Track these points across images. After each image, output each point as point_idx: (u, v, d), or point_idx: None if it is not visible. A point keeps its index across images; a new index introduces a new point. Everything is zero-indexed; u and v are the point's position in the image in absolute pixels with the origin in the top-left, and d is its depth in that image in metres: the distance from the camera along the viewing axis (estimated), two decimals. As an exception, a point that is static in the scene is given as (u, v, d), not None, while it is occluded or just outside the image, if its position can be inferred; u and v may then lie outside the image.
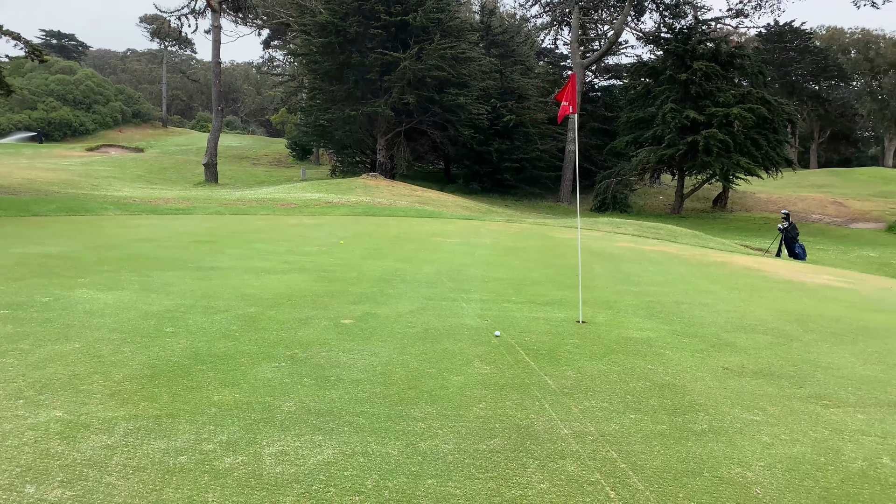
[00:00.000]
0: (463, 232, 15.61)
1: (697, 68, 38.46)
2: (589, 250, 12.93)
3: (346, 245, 12.21)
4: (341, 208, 21.53)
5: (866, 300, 8.70)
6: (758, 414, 4.19)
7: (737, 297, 8.34)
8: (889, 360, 5.55)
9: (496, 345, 5.56)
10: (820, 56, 74.10)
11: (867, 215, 41.36)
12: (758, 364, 5.26)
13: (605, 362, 5.18)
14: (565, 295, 7.90)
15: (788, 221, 17.49)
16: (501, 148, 41.80)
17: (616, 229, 18.68)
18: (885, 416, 4.24)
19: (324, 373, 4.70)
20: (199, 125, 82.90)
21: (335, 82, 38.66)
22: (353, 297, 7.36)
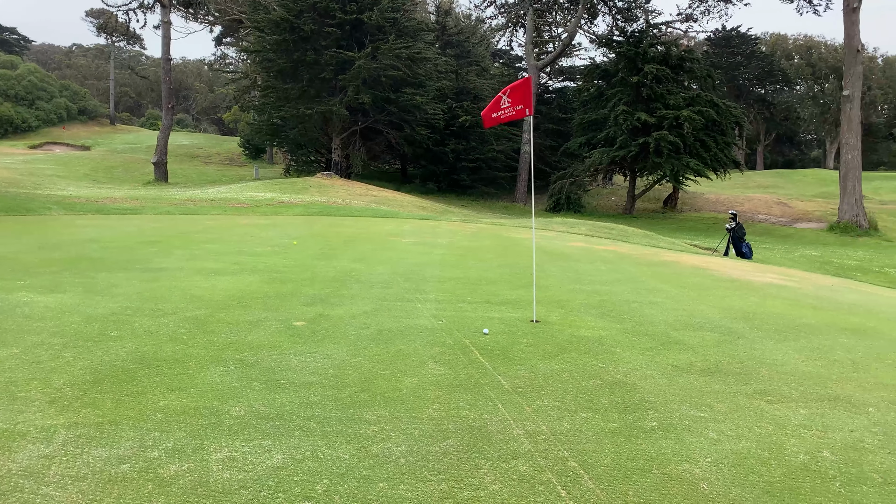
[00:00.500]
0: (419, 232, 15.58)
1: (648, 71, 39.20)
2: (543, 250, 13.04)
3: (300, 245, 12.06)
4: (295, 208, 21.28)
5: (808, 298, 8.98)
6: (705, 411, 4.27)
7: (686, 295, 8.52)
8: (829, 356, 5.73)
9: (450, 345, 5.55)
10: (765, 61, 76.44)
11: (810, 215, 42.75)
12: (705, 361, 5.37)
13: (557, 361, 5.21)
14: (520, 294, 7.94)
15: (736, 222, 17.96)
16: (458, 148, 41.93)
17: (570, 229, 18.90)
18: (825, 410, 4.37)
19: (274, 376, 4.61)
20: (149, 123, 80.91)
21: (289, 80, 38.18)
22: (306, 298, 7.27)
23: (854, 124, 36.01)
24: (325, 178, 33.85)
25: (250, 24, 39.66)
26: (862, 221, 36.17)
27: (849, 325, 7.12)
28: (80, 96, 71.13)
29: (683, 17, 47.46)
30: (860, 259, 26.56)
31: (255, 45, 39.49)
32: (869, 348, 6.08)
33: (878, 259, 26.84)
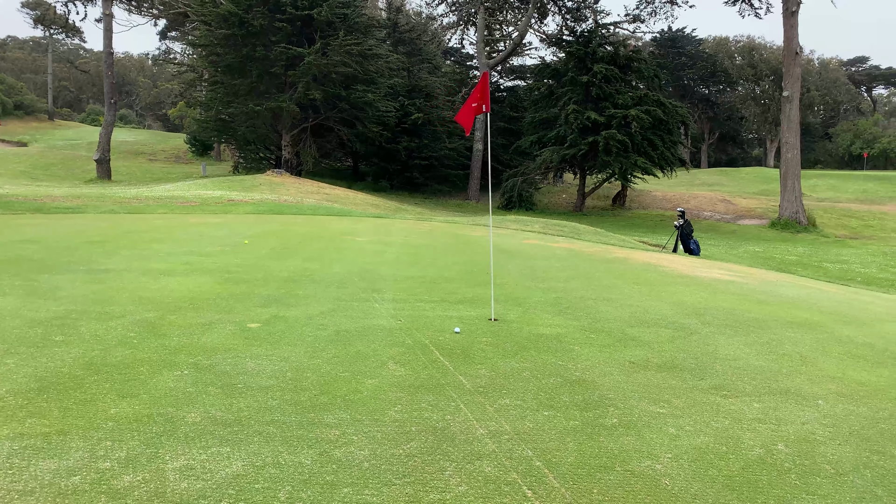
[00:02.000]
0: (373, 230, 15.46)
1: (598, 71, 39.84)
2: (499, 248, 13.09)
3: (252, 245, 11.83)
4: (245, 206, 20.87)
5: (754, 293, 9.23)
6: (664, 406, 4.34)
7: (638, 291, 8.66)
8: (777, 350, 5.89)
9: (410, 345, 5.51)
10: (709, 62, 78.56)
11: (752, 212, 44.09)
12: (661, 357, 5.46)
13: (517, 360, 5.23)
14: (477, 293, 7.94)
15: (684, 219, 18.38)
16: (410, 146, 41.86)
17: (523, 227, 19.05)
18: (778, 404, 4.49)
19: (230, 380, 4.50)
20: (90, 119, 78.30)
21: (237, 76, 37.46)
22: (260, 299, 7.12)
23: (793, 124, 37.26)
24: (276, 175, 33.33)
25: (197, 17, 38.75)
26: (801, 218, 37.48)
27: (794, 319, 7.34)
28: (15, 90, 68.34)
29: (631, 18, 48.36)
30: (800, 255, 27.53)
31: (202, 40, 38.61)
32: (815, 342, 6.28)
33: (817, 254, 27.88)
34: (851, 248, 31.06)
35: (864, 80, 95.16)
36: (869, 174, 61.93)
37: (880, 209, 44.12)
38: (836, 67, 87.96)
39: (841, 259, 26.25)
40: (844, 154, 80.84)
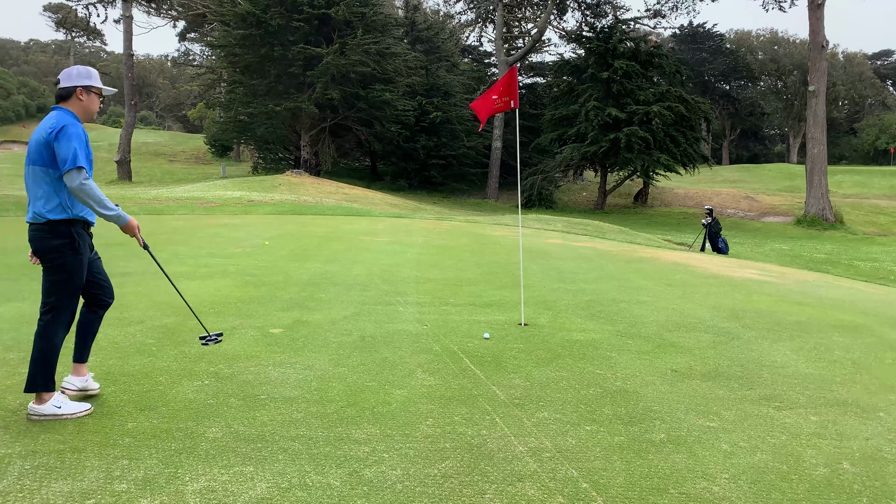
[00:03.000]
0: (393, 230, 15.25)
1: (618, 67, 39.32)
2: (523, 248, 12.81)
3: (272, 246, 11.65)
4: (265, 207, 20.77)
5: (791, 294, 8.88)
6: (713, 420, 4.05)
7: (671, 293, 8.34)
8: (827, 357, 5.57)
9: (438, 352, 5.26)
10: (731, 57, 77.50)
11: (776, 209, 43.32)
12: (705, 365, 5.17)
13: (552, 368, 4.96)
14: (503, 295, 7.68)
15: (712, 217, 17.97)
16: (428, 145, 41.61)
17: (546, 226, 18.74)
18: (836, 417, 4.19)
19: (253, 391, 4.28)
20: (111, 120, 79.02)
21: (256, 76, 37.48)
22: (282, 303, 6.91)
23: (819, 119, 36.51)
24: (295, 176, 33.27)
25: (215, 18, 38.83)
26: (828, 215, 36.72)
27: (839, 322, 7.00)
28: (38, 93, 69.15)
29: (652, 14, 47.73)
30: (829, 252, 26.90)
31: (220, 40, 38.67)
32: (866, 348, 5.94)
33: (846, 252, 27.22)
34: (881, 246, 30.34)
35: (889, 73, 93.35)
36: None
37: (909, 205, 43.18)
38: (862, 61, 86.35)
39: (872, 257, 25.60)
40: (870, 149, 79.32)
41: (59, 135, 3.54)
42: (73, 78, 3.75)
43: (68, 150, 3.51)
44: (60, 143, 3.53)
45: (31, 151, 3.66)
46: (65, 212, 3.67)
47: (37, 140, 3.64)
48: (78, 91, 3.73)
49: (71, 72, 3.79)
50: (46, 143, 3.58)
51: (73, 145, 3.54)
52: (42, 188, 3.64)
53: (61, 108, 3.71)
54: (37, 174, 3.66)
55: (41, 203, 3.65)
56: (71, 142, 3.54)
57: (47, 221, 3.66)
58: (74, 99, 3.74)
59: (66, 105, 3.73)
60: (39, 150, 3.61)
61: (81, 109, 3.76)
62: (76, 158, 3.52)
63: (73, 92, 3.73)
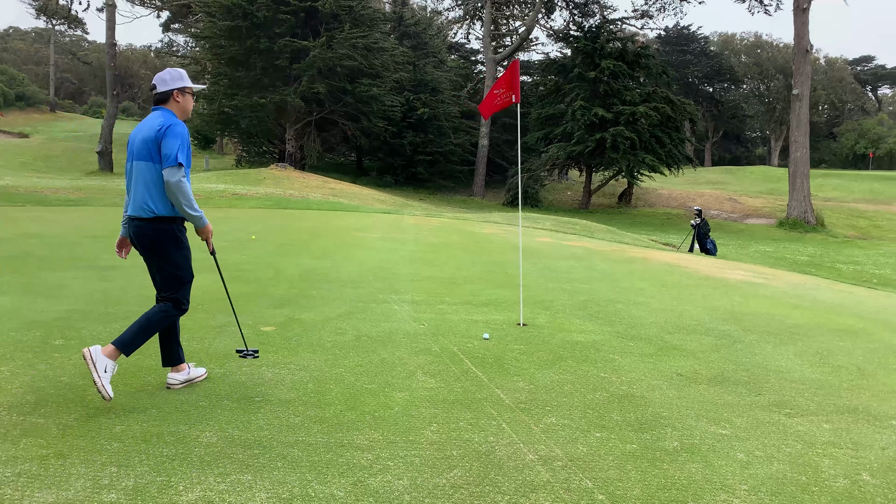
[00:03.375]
0: (383, 226, 15.05)
1: (605, 67, 39.34)
2: (512, 246, 12.69)
3: (259, 240, 11.42)
4: (250, 200, 20.47)
5: (787, 296, 8.82)
6: (725, 427, 3.93)
7: (667, 294, 8.25)
8: (831, 361, 5.48)
9: (438, 353, 5.09)
10: (715, 60, 78.00)
11: (759, 211, 43.64)
12: (710, 369, 5.05)
13: (556, 371, 4.82)
14: (500, 294, 7.54)
15: (701, 218, 17.97)
16: (415, 141, 41.39)
17: (535, 224, 18.63)
18: (849, 424, 4.08)
19: (247, 392, 4.09)
20: (93, 111, 77.83)
21: (241, 68, 37.00)
22: (273, 299, 6.72)
23: (803, 123, 36.77)
24: (280, 169, 32.90)
25: (200, 8, 38.27)
26: (810, 217, 37.03)
27: (839, 326, 6.93)
28: (17, 82, 67.85)
29: (639, 14, 47.85)
30: (811, 255, 27.09)
31: (205, 31, 38.12)
32: (868, 353, 5.86)
33: (828, 255, 27.44)
34: (862, 249, 30.62)
35: (869, 79, 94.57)
36: (875, 174, 61.41)
37: (888, 209, 43.72)
38: (842, 66, 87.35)
39: (853, 260, 25.81)
40: (849, 154, 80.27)
41: (167, 132, 3.79)
42: (167, 82, 3.98)
43: (172, 147, 3.76)
44: (167, 140, 3.77)
45: (136, 148, 3.88)
46: (173, 209, 3.88)
47: (143, 137, 3.85)
48: (175, 93, 3.98)
49: (164, 76, 4.01)
50: (154, 140, 3.81)
51: (178, 143, 3.79)
52: (148, 184, 3.85)
53: (163, 109, 3.96)
54: (141, 170, 3.87)
55: (149, 198, 3.85)
56: (176, 139, 3.79)
57: (155, 217, 3.87)
58: (172, 101, 3.99)
59: (165, 107, 3.99)
60: (147, 147, 3.83)
61: (180, 110, 4.01)
62: (178, 156, 3.76)
63: (170, 95, 3.98)
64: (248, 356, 4.59)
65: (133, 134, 3.96)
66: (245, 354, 4.58)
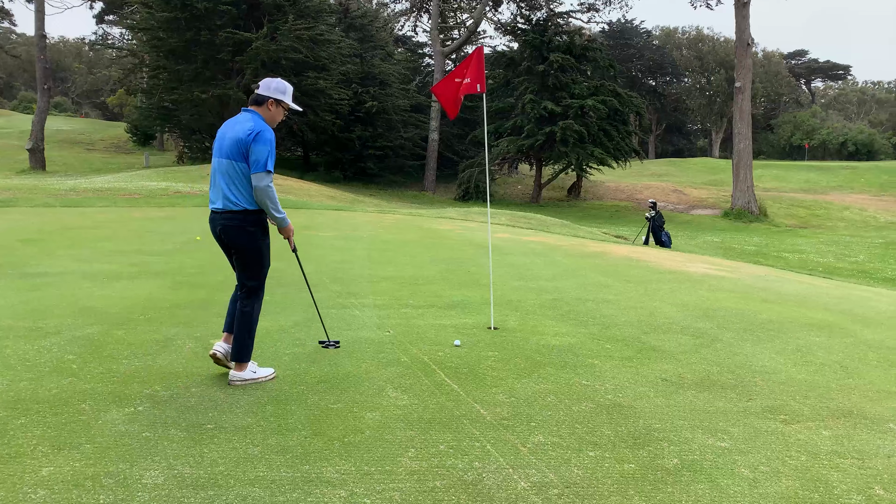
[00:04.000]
0: (335, 224, 14.52)
1: (554, 60, 39.39)
2: (472, 242, 12.37)
3: (205, 241, 10.79)
4: (193, 199, 19.61)
5: (752, 290, 8.72)
6: (723, 438, 3.66)
7: (635, 291, 8.04)
8: (813, 360, 5.31)
9: (407, 364, 4.71)
10: (657, 53, 79.36)
11: (704, 202, 44.52)
12: (694, 372, 4.80)
13: (535, 379, 4.49)
14: (465, 295, 7.19)
15: (656, 210, 18.00)
16: (364, 135, 40.67)
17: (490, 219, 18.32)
18: (848, 430, 3.87)
19: (197, 419, 3.63)
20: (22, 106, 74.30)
21: (181, 61, 35.65)
22: (223, 307, 6.17)
23: (745, 115, 37.54)
24: (224, 166, 31.78)
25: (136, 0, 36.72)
26: (753, 208, 37.90)
27: (810, 321, 6.81)
28: (-61, 75, 64.12)
29: (586, 7, 48.13)
30: (757, 244, 27.66)
31: (142, 23, 36.60)
32: (845, 348, 5.73)
33: (773, 244, 28.06)
34: (804, 238, 31.46)
35: (803, 73, 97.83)
36: (811, 164, 63.42)
37: (824, 199, 45.14)
38: (778, 60, 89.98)
39: (797, 248, 26.44)
40: (786, 145, 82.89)
41: (258, 137, 3.95)
42: (270, 90, 4.15)
43: (262, 153, 3.94)
44: (257, 145, 3.94)
45: (225, 146, 4.05)
46: (253, 203, 4.07)
47: (233, 138, 4.01)
48: (269, 101, 4.14)
49: (270, 83, 4.18)
50: (244, 142, 3.97)
51: (267, 149, 3.97)
52: (233, 179, 4.03)
53: (254, 112, 4.12)
54: (223, 167, 4.06)
55: (233, 193, 4.04)
56: (266, 146, 3.96)
57: (243, 210, 4.06)
58: (265, 107, 4.14)
59: (257, 109, 4.13)
60: (236, 147, 4.00)
61: (269, 117, 4.16)
62: (268, 162, 3.95)
63: (266, 100, 4.13)
64: (330, 346, 4.78)
65: (221, 131, 4.12)
66: (327, 345, 4.78)
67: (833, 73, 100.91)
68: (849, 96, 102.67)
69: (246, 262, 4.26)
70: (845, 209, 41.64)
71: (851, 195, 47.56)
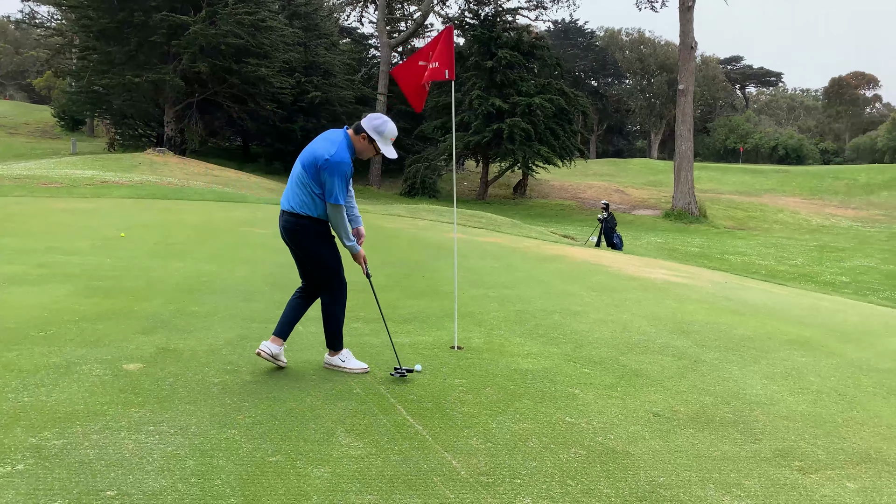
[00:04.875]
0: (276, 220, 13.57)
1: (502, 56, 38.99)
2: (423, 242, 11.69)
3: (130, 238, 9.78)
4: (122, 189, 18.28)
5: (718, 300, 8.33)
6: (739, 496, 3.09)
7: (601, 301, 7.51)
8: (806, 386, 4.84)
9: (361, 397, 3.99)
10: (600, 54, 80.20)
11: (646, 203, 45.01)
12: (687, 404, 4.25)
13: (512, 416, 3.84)
14: (422, 306, 6.50)
15: (608, 212, 17.68)
16: (307, 126, 39.42)
17: (440, 218, 17.68)
18: (872, 480, 3.36)
19: (94, 483, 2.83)
20: (-63, 85, 69.47)
21: (113, 43, 33.69)
22: (142, 320, 5.34)
23: (688, 117, 38.00)
24: (157, 154, 30.18)
25: (64, -25, 34.45)
26: (693, 209, 38.42)
27: (787, 336, 6.40)
28: None
29: (534, 5, 47.90)
30: (700, 246, 27.89)
31: (70, 0, 34.39)
32: (835, 371, 5.30)
33: (715, 245, 28.35)
34: (742, 240, 31.96)
35: (738, 78, 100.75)
36: (745, 167, 65.16)
37: (759, 201, 46.30)
38: (715, 65, 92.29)
39: (738, 251, 26.75)
40: (721, 148, 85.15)
41: (333, 168, 3.98)
42: (370, 123, 4.13)
43: (333, 186, 4.00)
44: (329, 177, 3.99)
45: (306, 154, 4.11)
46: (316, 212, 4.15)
47: (313, 153, 4.06)
48: (365, 134, 4.12)
49: (374, 119, 4.15)
50: (318, 166, 4.02)
51: (338, 183, 4.00)
52: (302, 186, 4.11)
53: (347, 137, 4.13)
54: (297, 172, 4.14)
55: (297, 197, 4.13)
56: (335, 178, 3.99)
57: (305, 216, 4.14)
58: (360, 136, 4.13)
59: (352, 133, 4.14)
60: (312, 163, 4.05)
61: (359, 148, 4.17)
62: (338, 197, 4.03)
63: (362, 131, 4.12)
64: (400, 374, 4.30)
65: (315, 140, 4.17)
66: (399, 372, 4.30)
67: (766, 79, 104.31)
68: (779, 102, 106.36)
69: (307, 263, 4.37)
70: (779, 212, 42.72)
71: (784, 198, 48.95)
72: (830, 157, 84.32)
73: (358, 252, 4.38)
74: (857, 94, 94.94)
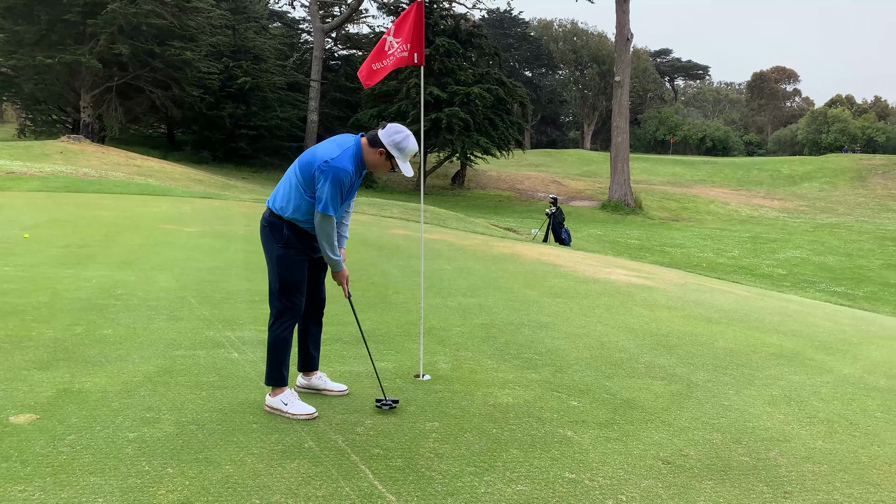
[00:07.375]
0: (204, 216, 12.49)
1: (440, 44, 38.28)
2: (367, 241, 10.90)
3: (34, 240, 8.63)
4: (31, 181, 16.69)
5: (686, 305, 7.89)
6: (796, 582, 2.52)
7: (567, 309, 6.94)
8: (814, 415, 4.36)
9: (314, 453, 3.23)
10: (534, 45, 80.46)
11: (582, 194, 45.24)
12: (695, 445, 3.67)
13: (502, 476, 3.16)
14: (376, 321, 5.76)
15: (556, 207, 17.27)
16: (236, 113, 37.71)
17: (381, 211, 16.86)
18: (934, 546, 2.85)
19: None
20: None
21: (21, 20, 31.24)
22: (40, 350, 4.41)
23: (624, 109, 38.20)
24: (73, 142, 28.11)
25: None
26: (629, 200, 38.76)
27: (770, 348, 5.97)
28: None
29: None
30: (639, 238, 28.03)
31: (-30, -27, 31.65)
32: (836, 391, 4.86)
33: (653, 237, 28.56)
34: (678, 231, 32.35)
35: (667, 70, 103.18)
36: (675, 159, 66.68)
37: (691, 192, 47.28)
38: (646, 58, 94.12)
39: (676, 243, 26.98)
40: (651, 139, 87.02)
41: (327, 176, 3.57)
42: (390, 137, 3.65)
43: (324, 193, 3.58)
44: (322, 184, 3.58)
45: (306, 156, 3.72)
46: (293, 215, 3.69)
47: (314, 155, 3.67)
48: (381, 150, 3.66)
49: (394, 133, 3.66)
50: (314, 167, 3.61)
51: (330, 191, 3.57)
52: (289, 188, 3.70)
53: (359, 147, 3.70)
54: (291, 169, 3.76)
55: (282, 199, 3.71)
56: (329, 186, 3.57)
57: (277, 214, 3.72)
58: (374, 149, 3.67)
59: (365, 144, 3.70)
60: (309, 164, 3.65)
61: (371, 161, 3.73)
62: (328, 206, 3.58)
63: (380, 145, 3.66)
64: (386, 406, 3.83)
65: (323, 142, 3.80)
66: (384, 404, 3.83)
67: (693, 72, 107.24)
68: (706, 95, 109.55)
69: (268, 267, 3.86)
70: (711, 202, 43.68)
71: (714, 189, 50.16)
72: (754, 148, 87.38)
73: (342, 270, 3.89)
74: (778, 89, 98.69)
